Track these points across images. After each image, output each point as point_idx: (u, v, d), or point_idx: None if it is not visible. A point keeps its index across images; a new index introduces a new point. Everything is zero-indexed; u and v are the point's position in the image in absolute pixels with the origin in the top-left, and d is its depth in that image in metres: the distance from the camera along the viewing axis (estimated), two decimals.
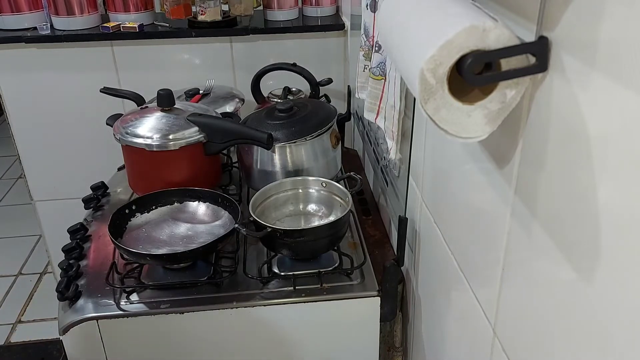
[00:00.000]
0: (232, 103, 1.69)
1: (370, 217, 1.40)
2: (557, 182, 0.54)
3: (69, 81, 1.94)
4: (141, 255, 1.11)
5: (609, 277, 0.47)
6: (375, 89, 1.13)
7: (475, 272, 0.79)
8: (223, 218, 1.24)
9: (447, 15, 0.56)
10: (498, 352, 0.71)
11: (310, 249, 1.16)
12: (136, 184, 1.39)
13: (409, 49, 0.59)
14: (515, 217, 0.64)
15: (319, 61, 1.93)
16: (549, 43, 0.53)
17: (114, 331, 1.09)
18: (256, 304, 1.10)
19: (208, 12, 1.86)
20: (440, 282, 0.96)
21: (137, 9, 1.91)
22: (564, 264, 0.54)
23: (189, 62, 1.96)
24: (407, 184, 1.10)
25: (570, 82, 0.50)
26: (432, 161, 0.94)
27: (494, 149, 0.68)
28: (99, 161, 1.80)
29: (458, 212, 0.84)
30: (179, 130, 1.29)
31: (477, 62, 0.51)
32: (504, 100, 0.56)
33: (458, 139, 0.58)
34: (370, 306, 1.12)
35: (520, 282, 0.65)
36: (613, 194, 0.46)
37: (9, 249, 2.70)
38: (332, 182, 1.26)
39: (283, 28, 1.93)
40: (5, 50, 1.88)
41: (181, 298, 1.11)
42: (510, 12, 0.60)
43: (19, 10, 1.88)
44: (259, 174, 1.33)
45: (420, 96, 0.54)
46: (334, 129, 1.37)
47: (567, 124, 0.51)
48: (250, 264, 1.18)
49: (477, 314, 0.77)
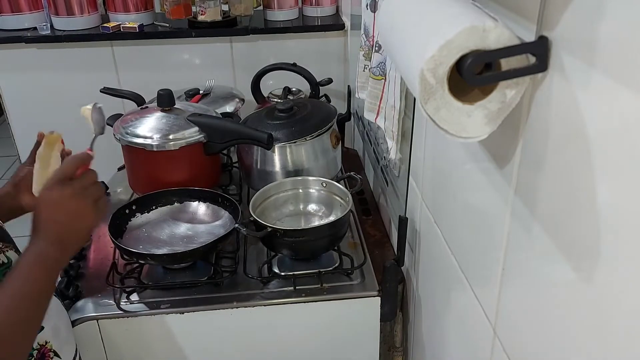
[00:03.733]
0: (232, 103, 1.68)
1: (370, 217, 1.40)
2: (557, 182, 0.54)
3: (69, 81, 1.94)
4: (141, 255, 1.11)
5: (609, 277, 0.47)
6: (375, 89, 1.13)
7: (475, 272, 0.79)
8: (223, 218, 1.24)
9: (447, 15, 0.56)
10: (498, 352, 0.71)
11: (311, 249, 1.16)
12: (136, 184, 1.39)
13: (409, 49, 0.59)
14: (515, 217, 0.64)
15: (319, 61, 1.93)
16: (549, 43, 0.53)
17: (114, 331, 1.09)
18: (256, 304, 1.10)
19: (208, 12, 1.86)
20: (441, 282, 0.96)
21: (137, 9, 1.91)
22: (564, 264, 0.54)
23: (189, 62, 1.96)
24: (407, 184, 1.10)
25: (570, 81, 0.50)
26: (432, 161, 0.94)
27: (494, 149, 0.68)
28: (99, 161, 1.79)
29: (458, 212, 0.84)
30: (179, 130, 1.29)
31: (477, 62, 0.51)
32: (504, 100, 0.56)
33: (458, 139, 0.58)
34: (371, 306, 1.12)
35: (520, 282, 0.65)
36: (613, 194, 0.46)
37: None
38: (332, 182, 1.26)
39: (283, 28, 1.93)
40: (5, 50, 1.88)
41: (181, 298, 1.11)
42: (510, 12, 0.60)
43: (19, 10, 1.88)
44: (259, 174, 1.33)
45: (420, 96, 0.54)
46: (334, 129, 1.37)
47: (567, 124, 0.51)
48: (251, 264, 1.18)
49: (477, 314, 0.77)
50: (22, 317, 0.75)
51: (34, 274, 0.77)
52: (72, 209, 0.81)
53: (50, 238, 0.79)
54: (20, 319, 0.75)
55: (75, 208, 0.81)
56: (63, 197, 0.80)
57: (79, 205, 0.81)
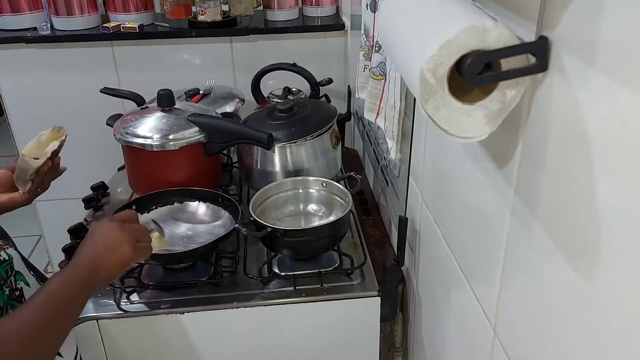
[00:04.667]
0: (232, 103, 1.69)
1: (370, 217, 1.40)
2: (557, 182, 0.54)
3: (69, 81, 1.94)
4: None
5: (609, 277, 0.47)
6: (375, 89, 1.13)
7: (475, 272, 0.79)
8: (223, 218, 1.24)
9: (447, 15, 0.56)
10: (498, 352, 0.71)
11: (311, 249, 1.16)
12: (136, 184, 1.39)
13: (409, 49, 0.59)
14: (515, 217, 0.64)
15: (319, 61, 1.93)
16: (549, 43, 0.53)
17: (114, 331, 1.09)
18: (256, 304, 1.10)
19: (208, 12, 1.86)
20: (441, 282, 0.96)
21: (137, 9, 1.91)
22: (564, 264, 0.54)
23: (189, 62, 1.96)
24: (407, 184, 1.10)
25: (570, 82, 0.50)
26: (432, 161, 0.94)
27: (494, 149, 0.68)
28: (99, 161, 1.80)
29: (458, 212, 0.84)
30: (179, 130, 1.29)
31: (477, 62, 0.51)
32: (504, 100, 0.56)
33: (458, 139, 0.58)
34: (371, 306, 1.12)
35: (520, 282, 0.65)
36: (613, 194, 0.46)
37: None
38: (332, 182, 1.26)
39: (283, 28, 1.93)
40: (5, 50, 1.88)
41: (181, 298, 1.11)
42: (510, 12, 0.60)
43: (19, 11, 1.88)
44: (259, 174, 1.33)
45: (420, 96, 0.54)
46: (334, 129, 1.37)
47: (567, 124, 0.51)
48: (251, 264, 1.18)
49: (477, 314, 0.77)
50: (38, 330, 0.75)
51: (60, 292, 0.78)
52: (112, 239, 0.85)
53: (84, 261, 0.83)
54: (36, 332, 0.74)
55: (115, 239, 0.85)
56: (108, 227, 0.86)
57: (120, 237, 0.86)
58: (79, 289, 0.80)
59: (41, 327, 0.75)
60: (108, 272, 0.85)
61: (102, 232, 0.86)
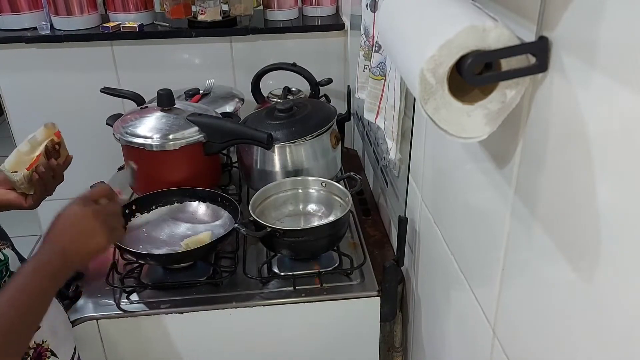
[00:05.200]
0: (232, 103, 1.68)
1: (370, 217, 1.40)
2: (557, 182, 0.54)
3: (69, 81, 1.94)
4: (141, 255, 1.11)
5: (609, 277, 0.47)
6: (375, 89, 1.13)
7: (475, 272, 0.79)
8: (223, 218, 1.24)
9: (447, 15, 0.56)
10: (498, 352, 0.71)
11: (310, 249, 1.16)
12: (136, 184, 1.39)
13: (409, 49, 0.59)
14: (515, 217, 0.64)
15: (319, 61, 1.93)
16: (549, 43, 0.53)
17: (114, 331, 1.09)
18: (256, 304, 1.10)
19: (208, 12, 1.86)
20: (440, 282, 0.96)
21: (137, 9, 1.91)
22: (564, 264, 0.53)
23: (189, 62, 1.96)
24: (407, 184, 1.10)
25: (570, 82, 0.50)
26: (432, 161, 0.94)
27: (494, 149, 0.68)
28: (99, 161, 1.79)
29: (458, 212, 0.84)
30: (179, 130, 1.29)
31: (477, 62, 0.51)
32: (504, 100, 0.56)
33: (458, 139, 0.58)
34: (370, 306, 1.12)
35: (520, 282, 0.64)
36: (613, 194, 0.45)
37: None
38: (332, 182, 1.26)
39: (283, 28, 1.93)
40: (5, 50, 1.88)
41: (181, 298, 1.11)
42: (510, 12, 0.60)
43: (19, 10, 1.88)
44: (258, 174, 1.33)
45: (420, 96, 0.54)
46: (334, 129, 1.37)
47: (567, 124, 0.51)
48: (250, 264, 1.18)
49: (477, 314, 0.77)
50: (14, 323, 0.73)
51: (32, 281, 0.76)
52: (86, 227, 0.83)
53: (56, 248, 0.81)
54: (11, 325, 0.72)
55: (89, 226, 0.84)
56: (82, 213, 0.84)
57: (94, 225, 0.84)
58: (52, 277, 0.78)
59: (17, 318, 0.73)
60: (81, 260, 0.84)
61: (75, 219, 0.83)
